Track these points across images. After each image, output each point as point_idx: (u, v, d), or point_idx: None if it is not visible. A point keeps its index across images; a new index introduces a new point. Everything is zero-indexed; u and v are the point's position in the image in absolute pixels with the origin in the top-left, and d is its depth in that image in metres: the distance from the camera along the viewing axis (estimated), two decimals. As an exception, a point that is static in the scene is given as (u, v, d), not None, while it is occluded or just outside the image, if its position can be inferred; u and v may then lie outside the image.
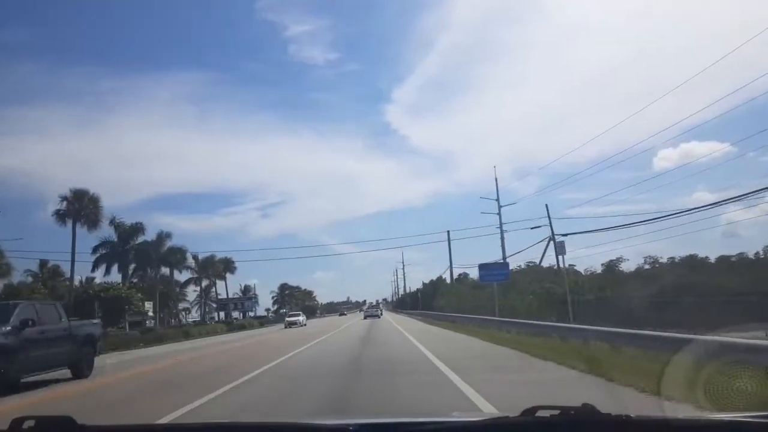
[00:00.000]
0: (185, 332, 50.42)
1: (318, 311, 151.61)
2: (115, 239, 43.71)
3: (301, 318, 51.46)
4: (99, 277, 42.92)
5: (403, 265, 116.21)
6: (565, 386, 8.29)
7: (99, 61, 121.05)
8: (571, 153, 65.63)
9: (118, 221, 43.37)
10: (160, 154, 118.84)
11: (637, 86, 56.72)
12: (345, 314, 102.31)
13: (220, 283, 77.64)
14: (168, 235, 49.91)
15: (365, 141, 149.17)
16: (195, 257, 63.29)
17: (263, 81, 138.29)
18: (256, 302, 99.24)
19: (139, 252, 44.02)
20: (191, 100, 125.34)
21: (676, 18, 75.78)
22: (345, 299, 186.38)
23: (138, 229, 43.76)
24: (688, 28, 65.79)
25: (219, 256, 70.29)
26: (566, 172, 63.54)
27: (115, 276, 44.38)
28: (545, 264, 45.48)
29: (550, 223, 43.59)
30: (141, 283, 47.55)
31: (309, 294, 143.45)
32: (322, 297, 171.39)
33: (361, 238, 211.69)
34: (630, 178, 56.38)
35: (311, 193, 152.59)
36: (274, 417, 5.75)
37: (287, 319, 52.85)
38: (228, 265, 70.79)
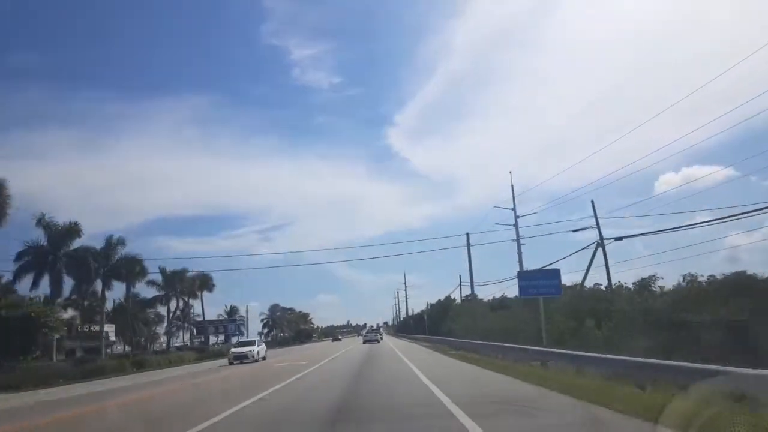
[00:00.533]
0: (138, 362, 40.73)
1: (315, 335, 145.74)
2: (45, 243, 34.14)
3: (256, 349, 35.16)
4: (23, 290, 33.32)
5: (405, 286, 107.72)
6: None
7: (104, 85, 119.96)
8: (573, 177, 64.97)
9: (48, 220, 33.87)
10: (164, 176, 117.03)
11: (639, 109, 52.77)
12: (340, 339, 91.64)
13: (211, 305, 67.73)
14: (120, 242, 40.44)
15: (367, 164, 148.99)
16: (163, 271, 53.69)
17: (267, 104, 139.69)
18: (242, 325, 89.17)
19: (75, 260, 34.51)
20: (195, 123, 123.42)
21: (675, 43, 74.04)
22: (345, 323, 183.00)
23: (73, 230, 34.21)
24: (685, 51, 65.25)
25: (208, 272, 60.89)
26: (569, 195, 57.48)
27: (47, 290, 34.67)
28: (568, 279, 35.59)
29: (598, 224, 34.10)
30: (81, 299, 38.07)
31: (304, 317, 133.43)
32: (323, 320, 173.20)
33: (362, 261, 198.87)
34: (631, 201, 49.63)
35: (313, 216, 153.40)
36: None
37: (233, 350, 36.26)
38: (205, 283, 61.05)
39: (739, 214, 20.14)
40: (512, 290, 48.97)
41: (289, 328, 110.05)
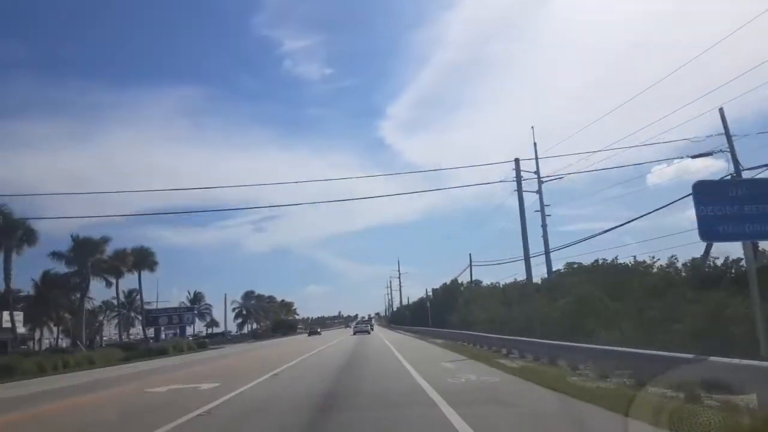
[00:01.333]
0: (5, 368, 26.91)
1: (301, 327, 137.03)
2: None
3: None
4: None
5: (399, 273, 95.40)
6: None
7: (94, 75, 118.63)
8: (566, 169, 53.64)
9: None
10: (155, 167, 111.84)
11: (638, 97, 44.92)
12: (319, 333, 76.85)
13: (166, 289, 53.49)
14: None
15: (360, 156, 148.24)
16: (75, 239, 39.47)
17: (259, 96, 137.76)
18: (208, 314, 75.47)
19: None
20: (186, 114, 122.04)
21: (671, 28, 68.05)
22: (336, 314, 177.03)
23: None
24: (680, 39, 56.85)
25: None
26: (563, 188, 54.83)
27: None
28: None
29: (732, 150, 20.25)
30: None
31: (287, 306, 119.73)
32: (313, 311, 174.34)
33: (354, 252, 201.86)
34: (624, 193, 44.87)
35: (305, 208, 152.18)
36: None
37: None
38: (143, 259, 46.90)
39: None
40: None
41: (269, 318, 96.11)
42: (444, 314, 48.51)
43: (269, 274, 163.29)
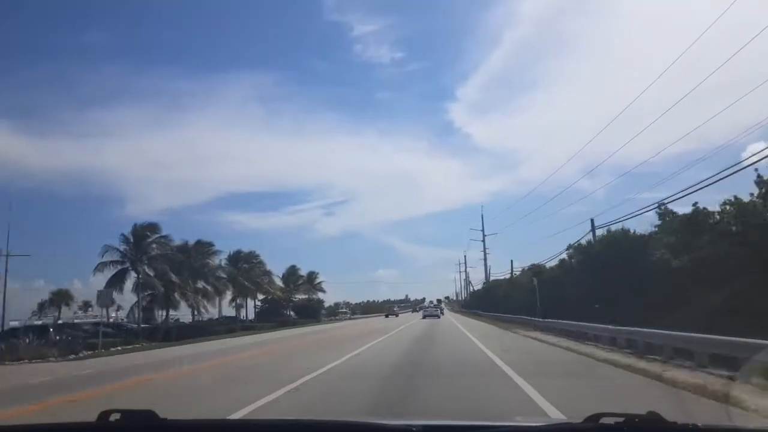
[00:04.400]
0: None
1: (344, 309, 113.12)
2: None
3: None
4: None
5: (484, 235, 71.42)
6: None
7: (174, 63, 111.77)
8: (647, 150, 55.93)
9: None
10: (230, 153, 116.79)
11: (721, 79, 22.81)
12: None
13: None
14: None
15: (429, 139, 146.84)
16: None
17: (329, 81, 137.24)
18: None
19: None
20: (260, 101, 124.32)
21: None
22: (403, 297, 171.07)
23: None
24: None
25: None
26: (640, 171, 56.35)
27: None
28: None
29: None
30: None
31: (302, 279, 73.42)
32: (382, 294, 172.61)
33: (422, 235, 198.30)
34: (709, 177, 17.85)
35: (374, 192, 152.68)
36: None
37: None
38: None
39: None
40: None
41: (236, 289, 48.30)
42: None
43: (340, 257, 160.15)
